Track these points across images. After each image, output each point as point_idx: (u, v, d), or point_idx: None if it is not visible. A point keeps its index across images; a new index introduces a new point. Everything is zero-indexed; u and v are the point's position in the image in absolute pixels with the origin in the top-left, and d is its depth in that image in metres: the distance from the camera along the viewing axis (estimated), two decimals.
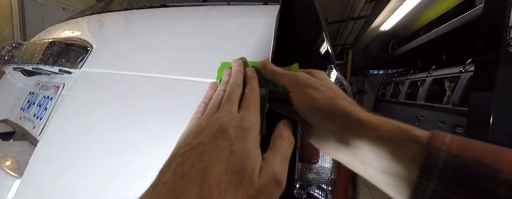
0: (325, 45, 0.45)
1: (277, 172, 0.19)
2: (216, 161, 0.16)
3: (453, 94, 2.02)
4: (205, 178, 0.15)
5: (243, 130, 0.19)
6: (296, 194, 0.36)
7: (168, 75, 0.39)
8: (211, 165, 0.16)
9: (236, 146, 0.18)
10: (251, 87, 0.26)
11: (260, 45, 0.35)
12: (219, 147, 0.17)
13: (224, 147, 0.17)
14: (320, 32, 0.46)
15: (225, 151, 0.17)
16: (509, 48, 0.97)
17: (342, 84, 0.41)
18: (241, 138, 0.19)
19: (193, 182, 0.15)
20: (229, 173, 0.16)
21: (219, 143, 0.18)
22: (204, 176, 0.15)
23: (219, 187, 0.15)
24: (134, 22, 0.56)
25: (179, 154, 0.18)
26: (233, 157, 0.17)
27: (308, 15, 0.49)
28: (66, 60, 0.47)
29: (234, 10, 0.44)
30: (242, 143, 0.18)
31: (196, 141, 0.18)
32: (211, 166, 0.16)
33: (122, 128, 0.37)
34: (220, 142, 0.18)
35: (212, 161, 0.16)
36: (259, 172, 0.18)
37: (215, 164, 0.16)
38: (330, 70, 0.42)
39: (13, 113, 0.63)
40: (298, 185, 0.37)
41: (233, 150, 0.17)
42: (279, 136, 0.22)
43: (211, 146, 0.17)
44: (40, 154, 0.40)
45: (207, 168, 0.16)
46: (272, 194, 0.18)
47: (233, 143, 0.18)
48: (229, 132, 0.19)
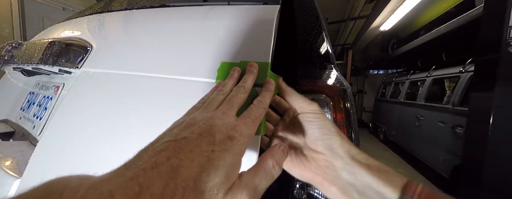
0: (325, 45, 0.45)
1: (248, 196, 0.17)
2: (191, 162, 0.16)
3: (453, 94, 2.02)
4: (174, 177, 0.14)
5: (230, 139, 0.18)
6: (296, 194, 0.36)
7: (168, 75, 0.39)
8: (184, 165, 0.15)
9: (216, 154, 0.17)
10: (261, 100, 0.24)
11: (260, 45, 0.35)
12: (199, 149, 0.17)
13: (204, 151, 0.17)
14: (320, 32, 0.46)
15: (203, 155, 0.16)
16: (509, 48, 0.97)
17: (342, 84, 0.41)
18: (225, 147, 0.18)
19: (161, 177, 0.14)
20: (198, 180, 0.15)
21: (201, 144, 0.17)
22: (174, 174, 0.15)
23: (183, 191, 0.14)
24: (134, 22, 0.56)
25: (162, 141, 0.17)
26: (208, 165, 0.16)
27: (308, 15, 0.49)
28: (66, 60, 0.47)
29: (234, 10, 0.44)
30: (223, 153, 0.17)
31: (182, 134, 0.17)
32: (184, 166, 0.15)
33: (122, 128, 0.37)
34: (203, 144, 0.17)
35: (187, 161, 0.15)
36: (229, 189, 0.17)
37: (189, 166, 0.15)
38: (330, 70, 0.42)
39: (13, 113, 0.63)
40: (298, 185, 0.37)
41: (212, 157, 0.17)
42: (266, 158, 0.21)
43: (192, 145, 0.17)
44: (40, 154, 0.40)
45: (179, 167, 0.15)
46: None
47: (215, 150, 0.17)
48: (215, 136, 0.18)
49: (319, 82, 0.41)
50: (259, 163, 0.21)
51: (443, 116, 2.08)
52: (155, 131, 0.20)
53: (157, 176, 0.14)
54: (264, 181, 0.19)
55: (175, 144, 0.16)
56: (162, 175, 0.14)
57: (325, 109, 0.40)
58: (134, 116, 0.37)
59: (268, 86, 0.26)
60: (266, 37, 0.35)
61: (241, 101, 0.23)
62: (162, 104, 0.37)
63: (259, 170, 0.20)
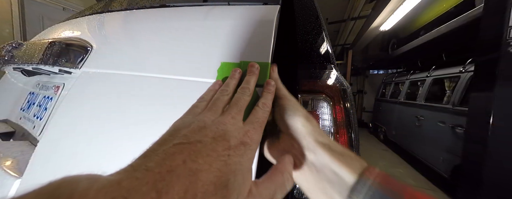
0: (325, 45, 0.45)
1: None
2: (209, 166, 0.15)
3: (453, 95, 2.03)
4: (194, 181, 0.14)
5: (243, 145, 0.18)
6: (296, 194, 0.36)
7: (168, 75, 0.39)
8: (203, 169, 0.15)
9: (233, 159, 0.17)
10: (265, 103, 0.24)
11: (260, 45, 0.35)
12: (216, 153, 0.16)
13: (221, 155, 0.16)
14: (320, 32, 0.46)
15: (221, 160, 0.16)
16: (509, 48, 0.97)
17: (342, 84, 0.41)
18: (240, 153, 0.18)
19: (180, 181, 0.13)
20: (218, 184, 0.15)
21: (217, 149, 0.17)
22: (193, 178, 0.14)
23: (204, 195, 0.14)
24: (134, 22, 0.56)
25: (171, 142, 0.16)
26: (227, 170, 0.16)
27: (308, 15, 0.49)
28: (66, 60, 0.47)
29: (234, 10, 0.44)
30: (239, 158, 0.17)
31: (195, 138, 0.17)
32: (203, 170, 0.15)
33: (122, 128, 0.37)
34: (219, 148, 0.17)
35: (206, 165, 0.15)
36: (247, 195, 0.17)
37: (208, 170, 0.15)
38: (330, 70, 0.42)
39: (13, 113, 0.63)
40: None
41: (229, 162, 0.16)
42: (279, 171, 0.21)
43: (208, 149, 0.16)
44: (40, 154, 0.40)
45: (199, 171, 0.14)
46: None
47: (231, 155, 0.17)
48: (230, 142, 0.18)
49: (319, 82, 0.41)
50: (274, 175, 0.20)
51: (443, 116, 2.08)
52: (155, 131, 0.20)
53: (176, 181, 0.13)
54: (279, 192, 0.19)
55: (189, 147, 0.16)
56: (181, 180, 0.13)
57: (325, 108, 0.40)
58: (134, 116, 0.37)
59: (269, 88, 0.27)
60: (266, 37, 0.35)
61: (246, 104, 0.23)
62: (162, 104, 0.37)
63: (274, 182, 0.20)
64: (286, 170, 0.21)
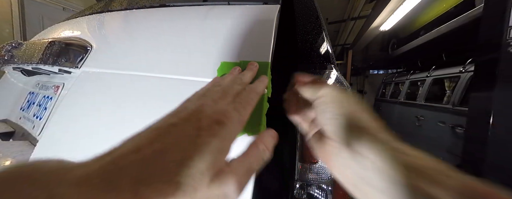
0: (325, 45, 0.45)
1: (237, 182, 0.17)
2: (174, 146, 0.15)
3: (453, 95, 2.02)
4: (156, 161, 0.15)
5: (217, 124, 0.18)
6: (296, 194, 0.36)
7: (168, 75, 0.39)
8: (166, 149, 0.15)
9: (202, 139, 0.16)
10: (253, 87, 0.24)
11: (260, 45, 0.35)
12: (184, 134, 0.16)
13: (189, 135, 0.16)
14: (320, 32, 0.46)
15: (188, 140, 0.16)
16: (509, 48, 0.97)
17: (342, 84, 0.41)
18: (212, 132, 0.17)
19: (143, 161, 0.14)
20: (182, 164, 0.15)
21: (186, 129, 0.17)
22: (155, 158, 0.15)
23: (165, 175, 0.14)
24: (134, 22, 0.56)
25: (149, 128, 0.17)
26: (193, 149, 0.16)
27: (308, 15, 0.49)
28: (66, 60, 0.47)
29: (234, 10, 0.44)
30: (209, 138, 0.17)
31: (169, 121, 0.18)
32: (166, 150, 0.15)
33: (122, 128, 0.37)
34: (188, 128, 0.17)
35: (171, 145, 0.15)
36: (216, 174, 0.16)
37: (171, 149, 0.15)
38: (330, 70, 0.42)
39: (13, 113, 0.63)
40: (298, 185, 0.37)
41: (197, 142, 0.16)
42: (255, 145, 0.20)
43: (178, 129, 0.17)
44: (40, 154, 0.40)
45: (162, 151, 0.15)
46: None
47: (201, 135, 0.17)
48: (202, 121, 0.18)
49: None
50: (249, 148, 0.20)
51: (443, 116, 2.08)
52: None
53: (138, 160, 0.14)
54: (255, 165, 0.19)
55: (160, 129, 0.17)
56: (143, 159, 0.14)
57: None
58: (134, 115, 0.37)
59: (262, 78, 0.27)
60: (266, 37, 0.35)
61: (235, 92, 0.23)
62: (162, 104, 0.37)
63: (249, 154, 0.20)
64: (263, 143, 0.21)
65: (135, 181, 0.13)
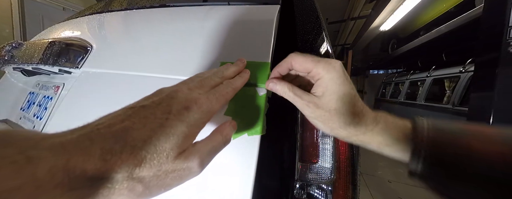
0: (325, 45, 0.45)
1: (200, 159, 0.19)
2: (143, 126, 0.17)
3: (453, 95, 2.03)
4: (124, 136, 0.16)
5: (186, 110, 0.19)
6: (296, 194, 0.36)
7: (168, 75, 0.39)
8: (135, 128, 0.16)
9: (170, 122, 0.18)
10: (231, 81, 0.25)
11: (260, 45, 0.35)
12: (154, 116, 0.18)
13: (158, 117, 0.18)
14: (320, 32, 0.46)
15: (156, 122, 0.17)
16: (509, 48, 0.97)
17: None
18: (180, 117, 0.19)
19: (112, 134, 0.15)
20: (148, 143, 0.16)
21: (156, 112, 0.18)
22: (124, 134, 0.16)
23: (132, 149, 0.16)
24: (134, 22, 0.56)
25: (124, 108, 0.18)
26: (160, 130, 0.17)
27: (308, 15, 0.49)
28: (66, 60, 0.47)
29: (234, 10, 0.44)
30: (177, 122, 0.18)
31: (142, 103, 0.19)
32: (135, 129, 0.16)
33: None
34: (158, 111, 0.18)
35: (139, 125, 0.17)
36: (180, 153, 0.18)
37: (140, 128, 0.17)
38: None
39: (13, 113, 0.63)
40: (298, 185, 0.37)
41: (165, 124, 0.18)
42: (218, 131, 0.23)
43: (148, 112, 0.18)
44: None
45: (130, 129, 0.16)
46: (181, 176, 0.18)
47: (169, 118, 0.18)
48: (172, 106, 0.19)
49: None
50: (212, 133, 0.22)
51: (443, 116, 2.08)
52: None
53: (108, 133, 0.15)
54: (217, 148, 0.22)
55: (132, 110, 0.18)
56: (113, 133, 0.16)
57: None
58: None
59: (242, 74, 0.28)
60: (266, 37, 0.35)
61: (213, 83, 0.24)
62: None
63: (212, 139, 0.22)
64: (225, 131, 0.23)
65: (105, 151, 0.15)
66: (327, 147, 0.36)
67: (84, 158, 0.14)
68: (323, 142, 0.36)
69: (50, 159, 0.12)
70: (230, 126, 0.24)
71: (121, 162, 0.15)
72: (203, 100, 0.21)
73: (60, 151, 0.13)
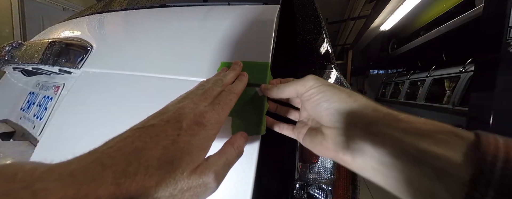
0: (325, 45, 0.45)
1: (215, 173, 0.19)
2: (155, 145, 0.16)
3: (453, 95, 2.02)
4: (137, 157, 0.15)
5: (197, 125, 0.19)
6: (296, 194, 0.36)
7: (168, 75, 0.39)
8: (148, 147, 0.16)
9: (182, 138, 0.18)
10: (231, 88, 0.25)
11: (260, 45, 0.35)
12: (165, 134, 0.17)
13: (170, 135, 0.17)
14: (320, 32, 0.46)
15: (168, 139, 0.17)
16: (509, 48, 0.97)
17: (342, 84, 0.41)
18: (192, 132, 0.19)
19: (124, 157, 0.15)
20: (163, 161, 0.16)
21: (167, 130, 0.18)
22: (136, 154, 0.15)
23: (146, 169, 0.15)
24: (134, 22, 0.56)
25: (130, 129, 0.18)
26: (173, 147, 0.17)
27: (308, 15, 0.49)
28: (66, 60, 0.47)
29: (234, 10, 0.44)
30: (189, 137, 0.18)
31: (150, 122, 0.18)
32: (148, 148, 0.16)
33: (122, 128, 0.37)
34: (168, 129, 0.18)
35: (152, 144, 0.16)
36: (195, 168, 0.18)
37: (153, 147, 0.16)
38: (330, 70, 0.42)
39: (13, 113, 0.63)
40: (298, 185, 0.37)
41: (177, 140, 0.17)
42: (230, 144, 0.22)
43: (158, 130, 0.18)
44: (40, 154, 0.40)
45: (143, 149, 0.16)
46: (199, 193, 0.18)
47: (181, 134, 0.18)
48: (182, 122, 0.19)
49: None
50: (225, 146, 0.22)
51: (443, 116, 2.08)
52: None
53: (120, 157, 0.15)
54: (230, 161, 0.21)
55: (141, 130, 0.17)
56: (125, 156, 0.15)
57: None
58: (134, 116, 0.37)
59: (241, 77, 0.28)
60: (266, 37, 0.35)
61: (215, 93, 0.24)
62: (162, 104, 0.37)
63: (225, 152, 0.21)
64: (236, 143, 0.23)
65: (118, 175, 0.14)
66: None
67: (96, 185, 0.13)
68: None
69: (58, 191, 0.12)
70: (242, 138, 0.24)
71: (136, 184, 0.14)
72: (210, 112, 0.21)
73: (69, 180, 0.12)
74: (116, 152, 0.15)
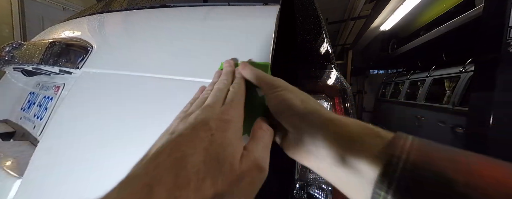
0: (325, 45, 0.45)
1: (259, 158, 0.19)
2: (194, 150, 0.16)
3: (453, 95, 2.02)
4: (182, 166, 0.15)
5: (224, 122, 0.20)
6: (296, 194, 0.36)
7: (168, 76, 0.39)
8: (189, 154, 0.16)
9: (217, 136, 0.18)
10: (236, 83, 0.26)
11: (260, 45, 0.35)
12: (198, 138, 0.17)
13: (204, 137, 0.17)
14: (320, 32, 0.46)
15: (205, 141, 0.17)
16: (509, 48, 0.97)
17: (342, 84, 0.41)
18: (223, 129, 0.19)
19: (168, 171, 0.14)
20: (208, 161, 0.16)
21: (199, 134, 0.18)
22: (180, 164, 0.15)
23: (197, 174, 0.15)
24: (134, 22, 0.56)
25: (155, 148, 0.17)
26: (213, 146, 0.17)
27: (308, 15, 0.49)
28: (66, 61, 0.47)
29: (234, 10, 0.44)
30: (223, 133, 0.18)
31: (176, 133, 0.18)
32: (189, 155, 0.15)
33: (122, 128, 0.37)
34: (200, 133, 0.18)
35: (191, 150, 0.16)
36: (240, 159, 0.18)
37: (193, 153, 0.16)
38: (330, 70, 0.42)
39: (13, 113, 0.63)
40: (298, 185, 0.37)
41: (214, 139, 0.17)
42: (259, 128, 0.23)
43: (190, 137, 0.17)
44: (40, 154, 0.40)
45: (184, 157, 0.15)
46: (254, 179, 0.18)
47: (214, 134, 0.18)
48: (210, 124, 0.19)
49: (319, 83, 0.41)
50: (254, 131, 0.22)
51: (443, 116, 2.08)
52: (155, 131, 0.20)
53: (164, 172, 0.14)
54: (267, 141, 0.22)
55: (171, 143, 0.17)
56: (168, 170, 0.14)
57: None
58: (134, 116, 0.37)
59: (237, 74, 0.28)
60: (266, 37, 0.35)
61: (224, 92, 0.24)
62: (162, 104, 0.37)
63: (257, 137, 0.22)
64: (263, 125, 0.23)
65: (170, 190, 0.13)
66: None
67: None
68: None
69: None
70: (263, 120, 0.24)
71: (194, 192, 0.14)
72: (229, 109, 0.21)
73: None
74: (156, 169, 0.14)
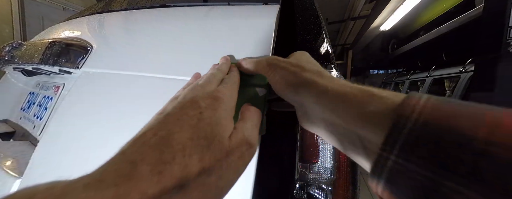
0: (325, 45, 0.45)
1: (248, 135, 0.19)
2: (181, 128, 0.16)
3: (453, 95, 2.02)
4: (167, 143, 0.14)
5: (214, 100, 0.19)
6: (296, 194, 0.36)
7: (168, 76, 0.39)
8: (175, 132, 0.15)
9: (206, 114, 0.17)
10: (231, 73, 0.26)
11: (260, 45, 0.35)
12: (186, 116, 0.17)
13: (192, 115, 0.17)
14: (320, 32, 0.46)
15: (193, 119, 0.17)
16: (509, 48, 0.97)
17: None
18: (212, 107, 0.18)
19: (153, 148, 0.14)
20: (196, 138, 0.16)
21: (187, 112, 0.17)
22: (166, 142, 0.14)
23: (183, 151, 0.14)
24: (134, 22, 0.56)
25: (144, 127, 0.17)
26: (201, 124, 0.17)
27: (308, 15, 0.49)
28: (66, 60, 0.47)
29: (234, 10, 0.44)
30: (212, 111, 0.18)
31: (165, 112, 0.18)
32: (175, 133, 0.15)
33: (122, 128, 0.37)
34: (188, 111, 0.17)
35: (177, 128, 0.16)
36: (229, 136, 0.18)
37: (180, 131, 0.15)
38: (330, 70, 0.42)
39: (13, 113, 0.63)
40: (298, 185, 0.37)
41: (202, 117, 0.17)
42: (247, 109, 0.23)
43: (178, 115, 0.17)
44: (40, 154, 0.40)
45: (170, 135, 0.15)
46: (243, 154, 0.18)
47: (203, 112, 0.17)
48: (199, 102, 0.18)
49: None
50: (243, 113, 0.22)
51: None
52: None
53: (148, 149, 0.14)
54: (255, 121, 0.22)
55: (158, 122, 0.17)
56: (153, 147, 0.14)
57: None
58: (134, 116, 0.37)
59: (232, 68, 0.28)
60: (266, 37, 0.35)
61: (218, 78, 0.24)
62: (162, 104, 0.37)
63: (246, 117, 0.21)
64: (250, 108, 0.23)
65: (154, 165, 0.13)
66: (327, 147, 0.36)
67: (135, 181, 0.12)
68: (323, 142, 0.36)
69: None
70: (248, 104, 0.24)
71: (179, 166, 0.14)
72: (223, 89, 0.21)
73: (102, 186, 0.11)
74: (141, 147, 0.14)
